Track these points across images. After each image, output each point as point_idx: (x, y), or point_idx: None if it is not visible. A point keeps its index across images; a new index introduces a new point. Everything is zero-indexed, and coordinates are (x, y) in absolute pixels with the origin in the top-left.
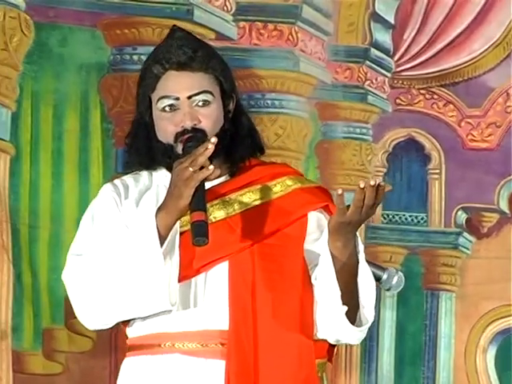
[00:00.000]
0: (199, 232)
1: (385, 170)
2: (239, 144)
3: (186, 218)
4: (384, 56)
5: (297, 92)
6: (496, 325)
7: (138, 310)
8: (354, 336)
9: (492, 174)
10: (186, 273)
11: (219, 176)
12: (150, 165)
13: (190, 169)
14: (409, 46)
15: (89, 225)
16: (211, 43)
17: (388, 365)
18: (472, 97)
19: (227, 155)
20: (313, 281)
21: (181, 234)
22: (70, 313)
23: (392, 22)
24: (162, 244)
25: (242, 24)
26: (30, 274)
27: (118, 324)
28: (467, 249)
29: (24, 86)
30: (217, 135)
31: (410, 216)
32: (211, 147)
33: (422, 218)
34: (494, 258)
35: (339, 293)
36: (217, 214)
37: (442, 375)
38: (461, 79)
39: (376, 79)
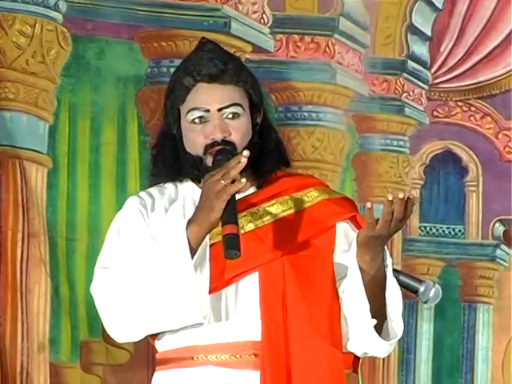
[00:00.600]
0: (231, 245)
1: (422, 183)
2: (267, 157)
3: (216, 230)
4: (421, 68)
5: (334, 104)
6: None
7: (169, 323)
8: (382, 349)
9: None
10: (217, 284)
11: (247, 188)
12: (176, 177)
13: (222, 182)
14: (446, 59)
15: (115, 237)
16: (248, 56)
17: (425, 377)
18: (509, 109)
19: (255, 168)
20: (340, 293)
21: (210, 245)
22: None
23: (429, 34)
24: (192, 257)
25: (278, 36)
26: (68, 287)
27: (146, 337)
28: (505, 261)
29: (61, 98)
30: (245, 148)
31: (448, 228)
32: (244, 161)
33: (460, 231)
34: None
35: (368, 306)
36: (246, 225)
37: None
38: (498, 91)
39: (413, 91)
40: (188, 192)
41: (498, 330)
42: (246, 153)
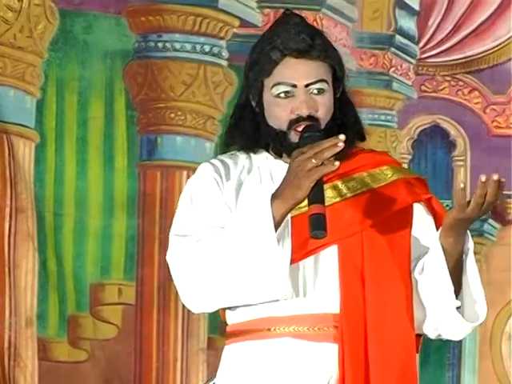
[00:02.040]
0: (318, 225)
1: (410, 157)
2: (347, 132)
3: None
4: (409, 43)
5: None
6: None
7: (248, 297)
8: (463, 332)
9: None
10: (295, 256)
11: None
12: (253, 147)
13: (313, 161)
14: (434, 33)
15: (188, 205)
16: (236, 31)
17: None
18: (497, 83)
19: None
20: (416, 274)
21: (293, 217)
22: (94, 300)
23: (417, 8)
24: (275, 231)
25: (266, 11)
26: (55, 261)
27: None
28: (492, 235)
29: (49, 73)
30: (327, 124)
31: None
32: (341, 145)
33: (447, 205)
34: None
35: (452, 287)
36: (325, 199)
37: (467, 362)
38: (486, 66)
39: (401, 66)
40: (263, 163)
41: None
42: (343, 137)
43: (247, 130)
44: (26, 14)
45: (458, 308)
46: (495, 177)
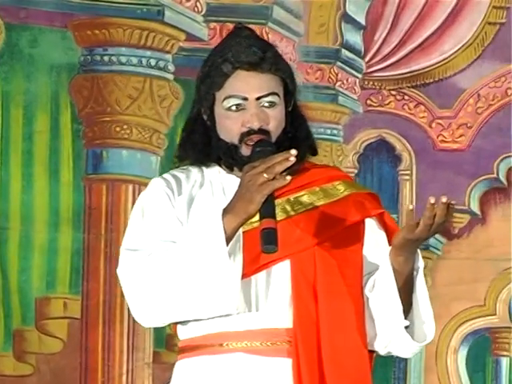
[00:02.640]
0: (269, 240)
1: (356, 171)
2: (298, 146)
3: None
4: (355, 57)
5: None
6: (467, 326)
7: (199, 311)
8: (411, 351)
9: (463, 175)
10: (247, 270)
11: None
12: (205, 161)
13: (265, 175)
14: (380, 47)
15: (139, 219)
16: (182, 45)
17: None
18: (443, 98)
19: None
20: (367, 291)
21: (243, 232)
22: (40, 314)
23: (363, 22)
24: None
25: (212, 25)
26: (1, 275)
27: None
28: (438, 249)
29: None
30: (279, 137)
31: None
32: (293, 159)
33: (394, 219)
34: (464, 259)
35: (401, 307)
36: (277, 213)
37: (413, 376)
38: (432, 80)
39: (347, 80)
40: (215, 177)
41: None
42: (294, 151)
43: (199, 144)
44: None
45: (407, 327)
46: (444, 199)
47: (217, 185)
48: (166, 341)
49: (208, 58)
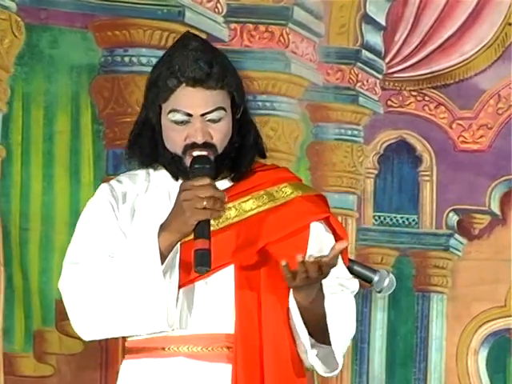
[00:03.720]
0: (202, 261)
1: (376, 172)
2: (245, 153)
3: None
4: (375, 58)
5: (288, 94)
6: (487, 326)
7: (135, 328)
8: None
9: (483, 176)
10: (190, 278)
11: (221, 179)
12: (152, 164)
13: (205, 203)
14: (400, 48)
15: (84, 231)
16: None
17: (379, 366)
18: (463, 98)
19: (232, 162)
20: (291, 305)
21: (182, 243)
22: (60, 315)
23: (383, 23)
24: (162, 262)
25: (233, 25)
26: (21, 276)
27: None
28: (458, 250)
29: (15, 87)
30: (225, 148)
31: (402, 218)
32: (226, 201)
33: (414, 220)
34: (485, 260)
35: (307, 340)
36: (221, 219)
37: (434, 377)
38: (452, 81)
39: (367, 81)
40: (161, 181)
41: (451, 319)
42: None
43: (146, 148)
44: None
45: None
46: (311, 258)
47: (163, 190)
48: None
49: (156, 66)
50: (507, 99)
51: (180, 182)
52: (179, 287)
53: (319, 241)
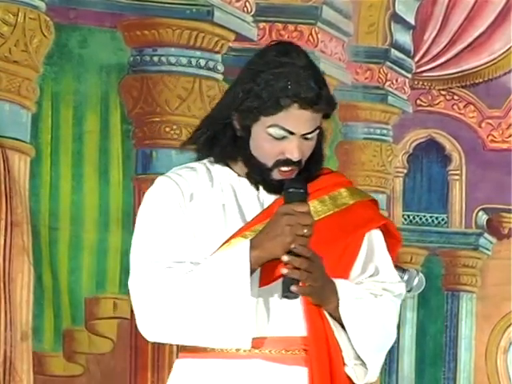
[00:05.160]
0: (290, 288)
1: (405, 171)
2: (317, 161)
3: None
4: (404, 57)
5: None
6: None
7: (213, 341)
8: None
9: None
10: (266, 280)
11: None
12: (223, 162)
13: (305, 230)
14: (429, 47)
15: (151, 228)
16: (231, 45)
17: (409, 366)
18: (492, 98)
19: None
20: None
21: None
22: (89, 314)
23: (412, 22)
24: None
25: (262, 25)
26: (51, 276)
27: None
28: (488, 250)
29: (44, 87)
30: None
31: (431, 217)
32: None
33: (443, 219)
34: None
35: (351, 353)
36: None
37: (463, 376)
38: (481, 80)
39: (396, 80)
40: (224, 177)
41: (481, 318)
42: None
43: (228, 147)
44: (21, 28)
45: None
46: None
47: (227, 187)
48: None
49: (257, 73)
50: None
51: (245, 179)
52: (259, 286)
53: (370, 247)
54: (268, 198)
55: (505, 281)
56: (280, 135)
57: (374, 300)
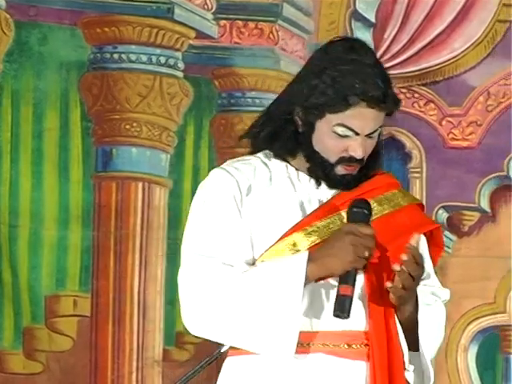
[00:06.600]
0: (343, 307)
1: None
2: (374, 162)
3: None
4: None
5: (277, 90)
6: (477, 323)
7: (256, 346)
8: None
9: (473, 173)
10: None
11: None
12: (281, 157)
13: (366, 253)
14: (390, 45)
15: (210, 224)
16: (192, 42)
17: None
18: (453, 95)
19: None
20: None
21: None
22: (49, 312)
23: (373, 20)
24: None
25: (222, 22)
26: (11, 273)
27: None
28: (448, 247)
29: (4, 84)
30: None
31: None
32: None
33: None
34: (474, 257)
35: (407, 356)
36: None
37: None
38: (442, 78)
39: None
40: (282, 171)
41: None
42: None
43: (288, 144)
44: None
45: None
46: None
47: (286, 181)
48: (175, 338)
49: (322, 70)
50: (496, 96)
51: (302, 173)
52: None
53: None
54: (326, 193)
55: (465, 279)
56: (345, 134)
57: (436, 306)
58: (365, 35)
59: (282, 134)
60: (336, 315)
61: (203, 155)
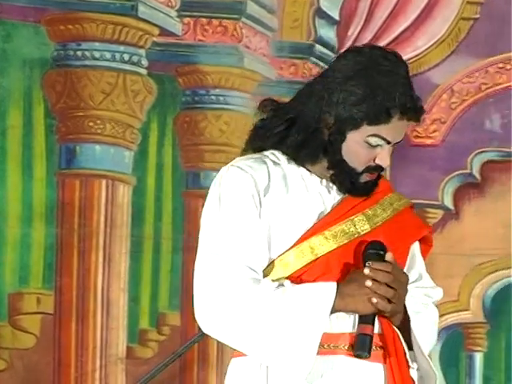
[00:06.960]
0: (363, 346)
1: None
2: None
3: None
4: (329, 52)
5: (241, 88)
6: (440, 321)
7: (272, 361)
8: None
9: (436, 171)
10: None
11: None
12: (302, 163)
13: (374, 300)
14: (353, 43)
15: (227, 223)
16: (155, 39)
17: None
18: (416, 93)
19: None
20: None
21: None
22: (13, 309)
23: (337, 18)
24: None
25: (186, 20)
26: None
27: None
28: None
29: None
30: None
31: None
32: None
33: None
34: (438, 254)
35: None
36: (363, 227)
37: None
38: None
39: None
40: (295, 172)
41: None
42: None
43: (316, 153)
44: None
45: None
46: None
47: (299, 180)
48: (139, 336)
49: (358, 80)
50: (460, 94)
51: (314, 175)
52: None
53: (412, 253)
54: (336, 197)
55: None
56: (377, 144)
57: (427, 311)
58: (329, 33)
59: (311, 142)
60: (357, 355)
61: (167, 152)
